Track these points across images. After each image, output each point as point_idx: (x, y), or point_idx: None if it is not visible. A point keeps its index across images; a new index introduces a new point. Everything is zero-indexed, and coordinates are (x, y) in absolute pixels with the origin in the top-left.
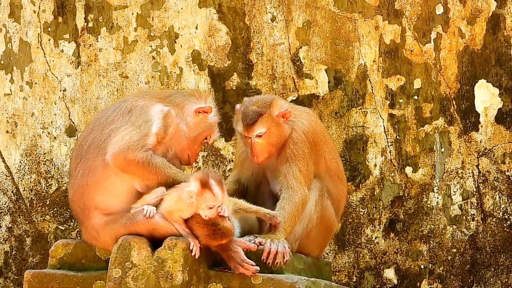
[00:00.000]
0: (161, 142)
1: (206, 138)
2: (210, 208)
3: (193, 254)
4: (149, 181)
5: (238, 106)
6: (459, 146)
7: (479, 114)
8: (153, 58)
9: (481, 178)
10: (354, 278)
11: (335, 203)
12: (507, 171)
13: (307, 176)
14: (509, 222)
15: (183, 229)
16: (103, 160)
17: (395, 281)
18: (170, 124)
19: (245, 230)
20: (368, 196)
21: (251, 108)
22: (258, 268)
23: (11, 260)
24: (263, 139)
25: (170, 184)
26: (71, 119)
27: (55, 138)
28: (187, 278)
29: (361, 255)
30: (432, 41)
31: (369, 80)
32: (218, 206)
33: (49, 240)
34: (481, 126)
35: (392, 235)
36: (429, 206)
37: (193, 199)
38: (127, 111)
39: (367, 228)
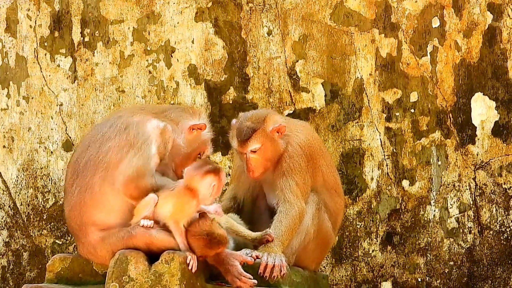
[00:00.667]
0: (163, 159)
1: (199, 154)
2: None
3: (190, 267)
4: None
5: (233, 121)
6: (456, 159)
7: (476, 127)
8: (150, 72)
9: (478, 191)
10: None
11: (332, 216)
12: (504, 183)
13: (304, 190)
14: (506, 235)
15: (183, 242)
16: (101, 177)
17: None
18: (168, 140)
19: (240, 243)
20: (365, 209)
21: (245, 124)
22: (255, 281)
23: (8, 275)
24: (258, 155)
25: None
26: (67, 134)
27: (52, 152)
28: None
29: (358, 268)
30: (428, 54)
31: (366, 94)
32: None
33: (46, 254)
34: (478, 139)
35: (389, 248)
36: (426, 219)
37: (214, 190)
38: (123, 128)
39: (364, 241)
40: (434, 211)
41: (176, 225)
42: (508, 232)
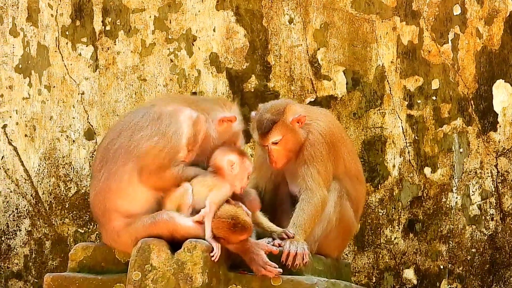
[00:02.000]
0: (193, 150)
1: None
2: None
3: (213, 257)
4: None
5: (253, 113)
6: (478, 146)
7: (497, 114)
8: (171, 60)
9: (500, 178)
10: (374, 278)
11: (354, 204)
12: None
13: (326, 178)
14: None
15: (210, 228)
16: (131, 167)
17: (415, 282)
18: (199, 130)
19: (259, 232)
20: (387, 196)
21: (265, 116)
22: (281, 270)
23: (30, 264)
24: (280, 146)
25: None
26: (89, 122)
27: (73, 141)
28: (207, 280)
29: (380, 255)
30: (449, 42)
31: (387, 81)
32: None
33: (68, 243)
34: (500, 126)
35: (411, 235)
36: (448, 206)
37: (236, 169)
38: (156, 118)
39: (386, 229)
40: (456, 198)
41: (213, 207)
42: None
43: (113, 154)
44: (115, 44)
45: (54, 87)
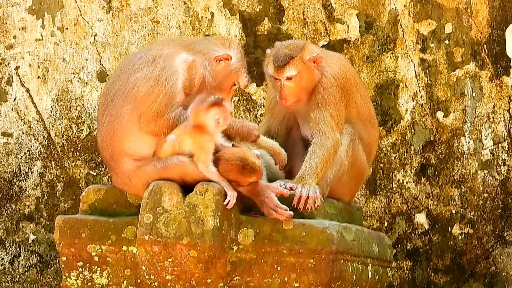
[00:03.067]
0: (190, 94)
1: (234, 84)
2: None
3: (226, 204)
4: None
5: (269, 50)
6: (490, 91)
7: (510, 59)
8: (184, 3)
9: None
10: (386, 223)
11: (367, 148)
12: None
13: (339, 121)
14: None
15: (220, 180)
16: (129, 109)
17: (426, 226)
18: (195, 74)
19: (269, 177)
20: (399, 140)
21: (283, 51)
22: (291, 213)
23: (42, 206)
24: (293, 82)
25: None
26: (102, 65)
27: (86, 83)
28: (218, 224)
29: (392, 200)
30: None
31: (400, 25)
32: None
33: (80, 185)
34: None
35: (423, 180)
36: (460, 151)
37: (221, 122)
38: (151, 60)
39: (398, 173)
40: (469, 142)
41: (206, 166)
42: None
43: (113, 97)
44: None
45: (67, 28)
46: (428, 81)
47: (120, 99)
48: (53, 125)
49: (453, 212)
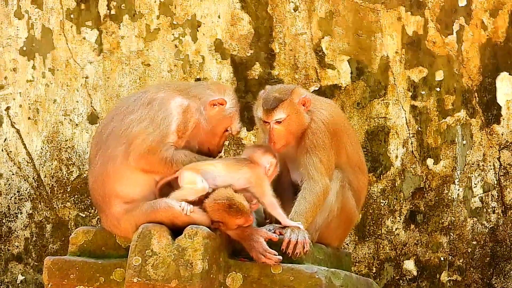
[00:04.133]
0: (183, 137)
1: (227, 130)
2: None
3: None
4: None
5: (260, 92)
6: (481, 139)
7: (501, 107)
8: (176, 46)
9: (502, 170)
10: (374, 269)
11: (356, 194)
12: None
13: (328, 167)
14: None
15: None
16: (122, 150)
17: (415, 273)
18: (189, 118)
19: (258, 222)
20: (389, 187)
21: (273, 94)
22: (280, 257)
23: (31, 247)
24: (282, 126)
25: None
26: (93, 106)
27: (77, 125)
28: (207, 267)
29: (381, 246)
30: (454, 33)
31: (392, 71)
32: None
33: (69, 227)
34: (503, 119)
35: (412, 226)
36: (450, 198)
37: (270, 171)
38: (146, 103)
39: (387, 219)
40: (458, 190)
41: (269, 197)
42: None
43: (106, 138)
44: (119, 29)
45: (58, 70)
46: (419, 128)
47: (113, 140)
48: (43, 167)
49: (442, 259)
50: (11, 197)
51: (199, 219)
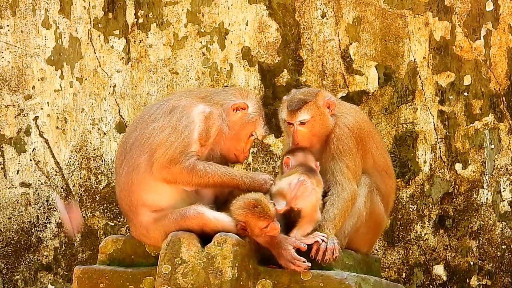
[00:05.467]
0: (206, 145)
1: (252, 135)
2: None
3: None
4: (197, 187)
5: (285, 97)
6: (509, 143)
7: None
8: (203, 54)
9: None
10: (404, 274)
11: (384, 199)
12: None
13: (355, 172)
14: None
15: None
16: (146, 159)
17: (445, 278)
18: (211, 125)
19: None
20: (417, 192)
21: (297, 96)
22: (309, 264)
23: (60, 256)
24: (306, 127)
25: (229, 184)
26: (121, 115)
27: (105, 134)
28: (236, 274)
29: (410, 251)
30: (482, 38)
31: (419, 77)
32: None
33: (98, 236)
34: None
35: (441, 231)
36: (478, 202)
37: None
38: (168, 111)
39: (416, 225)
40: (487, 194)
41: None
42: None
43: (130, 147)
44: (147, 37)
45: (86, 79)
46: (447, 133)
47: (137, 149)
48: (71, 176)
49: (471, 263)
50: (40, 207)
51: (229, 226)
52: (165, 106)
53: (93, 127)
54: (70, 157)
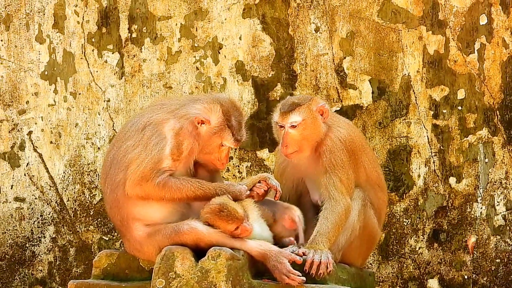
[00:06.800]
0: (179, 160)
1: (222, 145)
2: None
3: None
4: (172, 202)
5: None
6: (503, 157)
7: None
8: (197, 68)
9: None
10: None
11: (377, 212)
12: None
13: (348, 186)
14: None
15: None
16: (123, 177)
17: None
18: (182, 141)
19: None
20: (411, 206)
21: (291, 100)
22: (304, 278)
23: (55, 270)
24: (297, 131)
25: (203, 197)
26: (115, 130)
27: (99, 148)
28: None
29: (404, 265)
30: (476, 52)
31: (413, 91)
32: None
33: (93, 250)
34: None
35: (436, 245)
36: (472, 216)
37: None
38: (141, 128)
39: (410, 239)
40: (481, 208)
41: None
42: None
43: (109, 165)
44: (141, 52)
45: (79, 94)
46: (441, 147)
47: (115, 167)
48: (65, 190)
49: (466, 277)
50: (34, 222)
51: (223, 240)
52: (138, 124)
53: (87, 142)
54: (64, 172)
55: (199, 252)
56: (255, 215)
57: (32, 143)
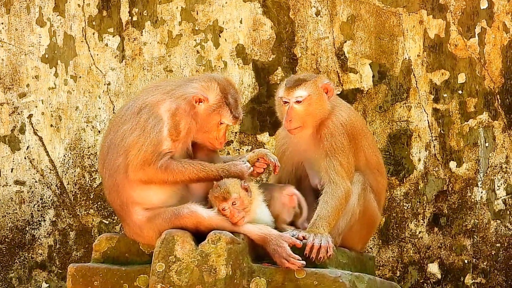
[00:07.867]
0: (178, 140)
1: (221, 123)
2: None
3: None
4: (174, 185)
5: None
6: (503, 141)
7: None
8: (198, 52)
9: None
10: (398, 272)
11: (377, 196)
12: None
13: (349, 170)
14: None
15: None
16: (122, 161)
17: (439, 276)
18: (179, 121)
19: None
20: (412, 190)
21: (297, 76)
22: (304, 262)
23: (55, 254)
24: (302, 106)
25: (205, 179)
26: (115, 113)
27: (99, 132)
28: (230, 272)
29: (405, 249)
30: (476, 36)
31: (414, 75)
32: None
33: (93, 234)
34: None
35: (436, 229)
36: (473, 200)
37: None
38: (137, 111)
39: (411, 223)
40: (481, 192)
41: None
42: None
43: (107, 150)
44: (141, 35)
45: (80, 77)
46: (441, 131)
47: (113, 152)
48: (66, 174)
49: (466, 262)
50: (34, 205)
51: (223, 224)
52: (133, 107)
53: (87, 125)
54: (64, 155)
55: (199, 235)
56: (259, 200)
57: (32, 126)
